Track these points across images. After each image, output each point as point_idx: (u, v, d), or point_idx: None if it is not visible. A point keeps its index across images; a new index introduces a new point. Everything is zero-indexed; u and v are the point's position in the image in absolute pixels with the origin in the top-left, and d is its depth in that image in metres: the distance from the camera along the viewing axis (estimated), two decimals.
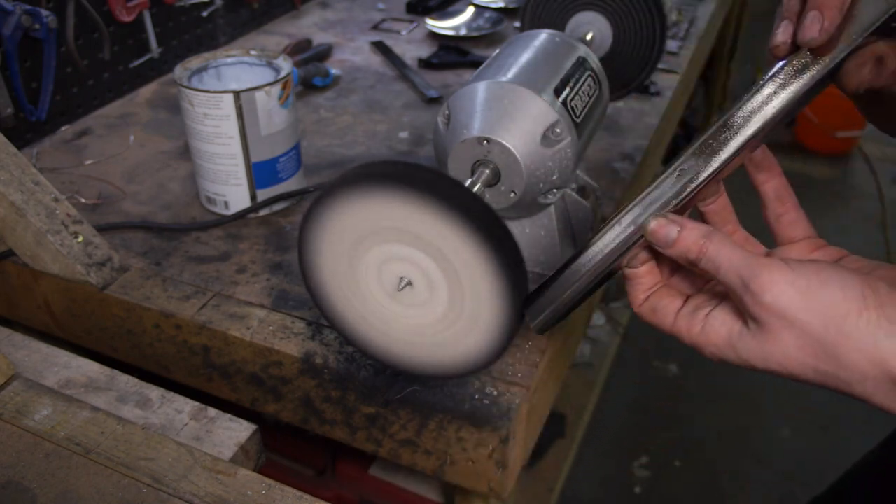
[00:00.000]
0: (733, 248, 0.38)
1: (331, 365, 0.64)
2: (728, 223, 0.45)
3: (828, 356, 0.36)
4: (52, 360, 0.62)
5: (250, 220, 0.83)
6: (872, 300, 0.35)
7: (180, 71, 0.80)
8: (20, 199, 0.70)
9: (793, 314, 0.36)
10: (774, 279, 0.36)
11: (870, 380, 0.35)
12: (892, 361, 0.34)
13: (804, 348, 0.36)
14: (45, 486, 0.49)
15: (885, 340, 0.34)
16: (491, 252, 0.47)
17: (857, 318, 0.35)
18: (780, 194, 0.45)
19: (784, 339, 0.36)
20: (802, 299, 0.36)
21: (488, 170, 0.63)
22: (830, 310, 0.35)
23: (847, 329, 0.35)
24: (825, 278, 0.36)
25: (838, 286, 0.35)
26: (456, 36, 1.32)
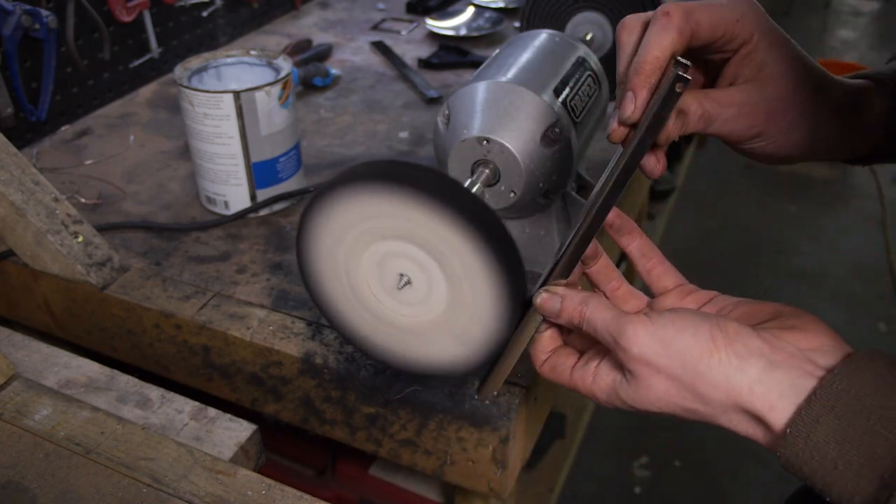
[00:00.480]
0: (606, 309, 0.43)
1: (331, 365, 0.64)
2: (612, 280, 0.50)
3: (692, 395, 0.40)
4: (52, 360, 0.62)
5: (250, 220, 0.83)
6: (721, 340, 0.39)
7: (180, 71, 0.80)
8: (20, 199, 0.71)
9: (656, 362, 0.40)
10: (637, 333, 0.41)
11: (729, 412, 0.39)
12: (743, 394, 0.38)
13: (671, 390, 0.41)
14: (45, 486, 0.49)
15: (734, 375, 0.38)
16: (490, 252, 0.47)
17: (708, 359, 0.39)
18: (644, 252, 0.49)
19: (654, 384, 0.41)
20: (662, 348, 0.40)
21: (488, 170, 0.63)
22: (685, 354, 0.39)
23: (701, 369, 0.39)
24: (680, 326, 0.40)
25: (690, 332, 0.40)
26: (456, 36, 1.32)
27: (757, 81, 0.48)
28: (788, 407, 0.37)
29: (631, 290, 0.50)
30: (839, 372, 0.37)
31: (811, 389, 0.37)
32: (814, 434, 0.36)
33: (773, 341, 0.39)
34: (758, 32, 0.47)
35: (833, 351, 0.40)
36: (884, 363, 0.38)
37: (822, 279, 2.33)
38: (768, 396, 0.38)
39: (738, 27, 0.46)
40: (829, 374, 0.38)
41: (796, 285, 2.30)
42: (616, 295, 0.50)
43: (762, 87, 0.47)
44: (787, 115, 0.48)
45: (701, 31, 0.45)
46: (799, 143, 0.50)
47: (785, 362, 0.38)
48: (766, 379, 0.38)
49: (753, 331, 0.40)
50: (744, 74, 0.48)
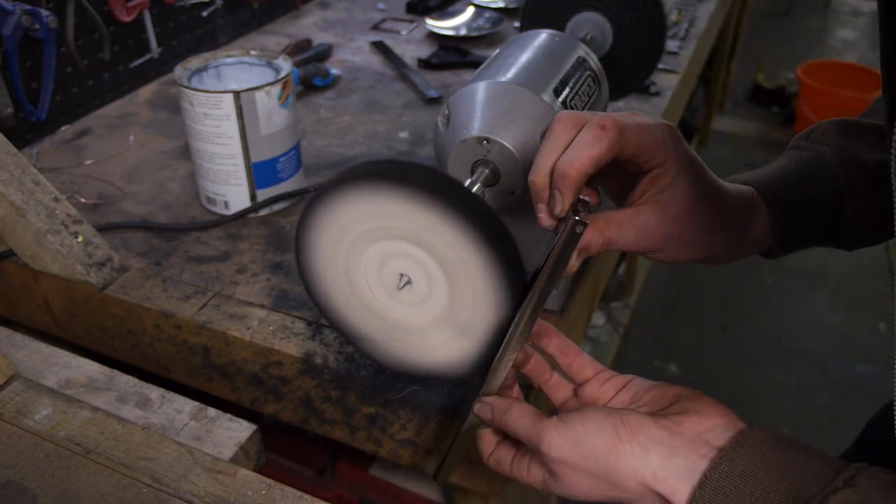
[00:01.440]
0: (525, 416, 0.47)
1: (331, 365, 0.64)
2: (544, 373, 0.54)
3: (610, 486, 0.44)
4: (52, 360, 0.62)
5: (250, 220, 0.83)
6: (625, 434, 0.43)
7: (180, 71, 0.80)
8: (20, 199, 0.71)
9: (572, 462, 0.44)
10: (552, 438, 0.45)
11: (643, 497, 0.43)
12: (648, 479, 0.42)
13: (592, 485, 0.45)
14: (45, 486, 0.49)
15: (640, 465, 0.42)
16: (490, 251, 0.47)
17: (616, 453, 0.43)
18: (562, 350, 0.53)
19: (574, 481, 0.45)
20: (574, 448, 0.44)
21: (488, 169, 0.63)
22: (595, 451, 0.43)
23: (611, 463, 0.43)
24: (587, 426, 0.44)
25: (596, 430, 0.44)
26: (456, 36, 1.32)
27: (659, 203, 0.52)
28: (686, 489, 0.41)
29: (559, 380, 0.54)
30: (726, 454, 0.41)
31: (703, 472, 0.41)
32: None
33: (672, 428, 0.43)
34: (671, 159, 0.51)
35: (725, 431, 0.43)
36: (768, 441, 0.41)
37: (822, 279, 2.33)
38: (669, 481, 0.42)
39: (657, 152, 0.51)
40: (718, 454, 0.41)
41: (797, 285, 2.30)
42: (548, 385, 0.54)
43: (664, 209, 0.52)
44: (683, 235, 0.53)
45: (627, 148, 0.50)
46: (695, 255, 0.55)
47: (682, 448, 0.42)
48: (666, 465, 0.42)
49: (654, 420, 0.44)
50: (650, 193, 0.52)
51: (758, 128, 3.19)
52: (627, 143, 0.50)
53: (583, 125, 0.50)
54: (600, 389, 0.51)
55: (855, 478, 0.38)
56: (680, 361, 1.99)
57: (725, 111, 3.27)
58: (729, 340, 2.08)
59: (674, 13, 1.40)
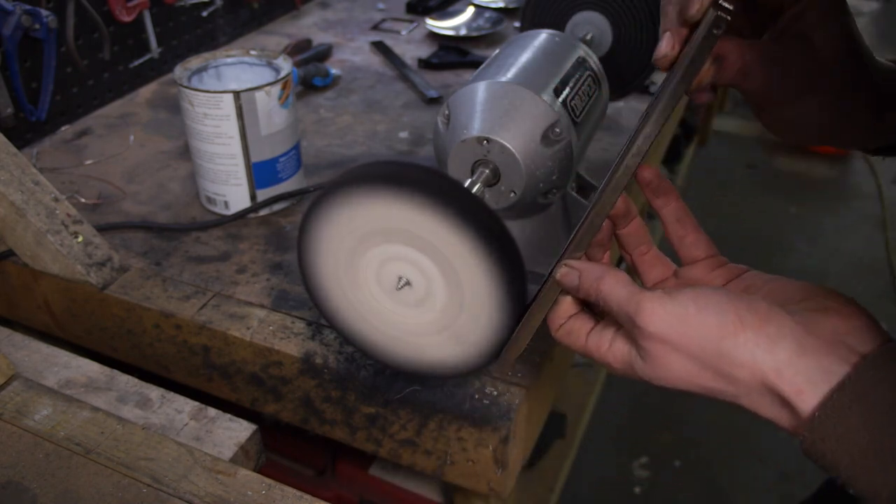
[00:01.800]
0: (622, 286, 0.42)
1: (331, 365, 0.64)
2: (642, 244, 0.48)
3: (713, 374, 0.39)
4: (52, 360, 0.62)
5: (250, 220, 0.83)
6: (750, 320, 0.38)
7: (180, 71, 0.80)
8: (20, 199, 0.71)
9: (673, 340, 0.39)
10: (655, 310, 0.39)
11: (754, 392, 0.38)
12: (769, 375, 0.37)
13: (689, 369, 0.39)
14: (45, 486, 0.49)
15: (762, 356, 0.37)
16: (490, 252, 0.47)
17: (734, 339, 0.38)
18: (679, 217, 0.48)
19: (670, 362, 0.40)
20: (680, 326, 0.39)
21: (488, 170, 0.63)
22: (707, 333, 0.38)
23: (725, 349, 0.38)
24: (702, 305, 0.39)
25: (714, 311, 0.38)
26: (456, 36, 1.32)
27: (805, 41, 0.45)
28: (818, 392, 0.36)
29: (658, 256, 0.48)
30: (874, 360, 0.36)
31: (844, 375, 0.36)
32: (844, 421, 0.35)
33: (808, 324, 0.38)
34: None
35: (870, 336, 0.38)
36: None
37: (822, 279, 2.32)
38: (796, 380, 0.36)
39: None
40: (863, 360, 0.36)
41: None
42: (643, 259, 0.48)
43: (810, 48, 0.45)
44: (822, 92, 0.46)
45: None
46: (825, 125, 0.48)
47: (818, 347, 0.37)
48: (795, 362, 0.37)
49: (787, 314, 0.38)
50: (794, 30, 0.45)
51: (758, 128, 3.18)
52: None
53: None
54: (709, 275, 0.46)
55: None
56: None
57: (725, 111, 3.27)
58: None
59: None
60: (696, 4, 0.41)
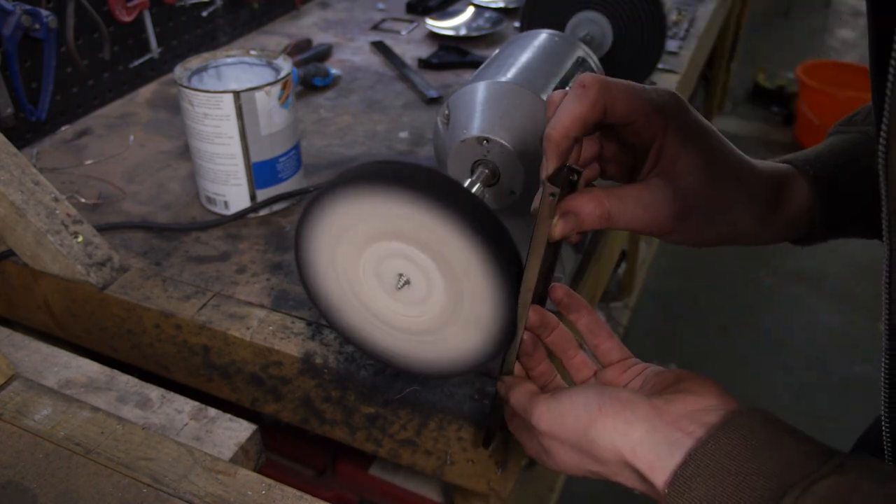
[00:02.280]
0: (523, 395, 0.48)
1: (331, 365, 0.64)
2: (568, 349, 0.52)
3: (590, 459, 0.44)
4: (52, 360, 0.62)
5: (250, 220, 0.83)
6: (610, 408, 0.43)
7: (180, 71, 0.80)
8: (20, 199, 0.71)
9: (556, 434, 0.45)
10: (541, 411, 0.46)
11: (622, 470, 0.43)
12: (626, 454, 0.42)
13: (574, 457, 0.45)
14: (45, 486, 0.49)
15: (619, 438, 0.42)
16: (489, 252, 0.47)
17: (597, 426, 0.43)
18: (591, 329, 0.52)
19: (560, 453, 0.46)
20: (560, 421, 0.45)
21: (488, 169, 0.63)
22: (577, 424, 0.44)
23: (592, 436, 0.43)
24: (573, 400, 0.44)
25: (581, 404, 0.44)
26: (456, 36, 1.32)
27: (668, 177, 0.48)
28: (667, 467, 0.40)
29: (585, 360, 0.52)
30: (714, 432, 0.39)
31: (687, 451, 0.39)
32: (688, 493, 0.38)
33: (662, 405, 0.42)
34: (672, 127, 0.48)
35: (717, 410, 0.42)
36: (759, 420, 0.40)
37: (822, 279, 2.33)
38: (648, 457, 0.41)
39: (654, 117, 0.47)
40: (705, 433, 0.40)
41: (796, 285, 2.30)
42: (572, 364, 0.52)
43: (673, 183, 0.48)
44: (698, 213, 0.49)
45: (616, 108, 0.47)
46: (715, 237, 0.51)
47: (667, 425, 0.41)
48: (646, 440, 0.41)
49: (644, 398, 0.43)
50: (658, 168, 0.49)
51: (758, 128, 3.19)
52: (615, 103, 0.46)
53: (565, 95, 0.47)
54: (621, 375, 0.50)
55: (845, 465, 0.37)
56: (680, 361, 1.99)
57: (725, 111, 3.27)
58: (729, 340, 2.09)
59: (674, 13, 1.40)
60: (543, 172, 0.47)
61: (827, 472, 0.36)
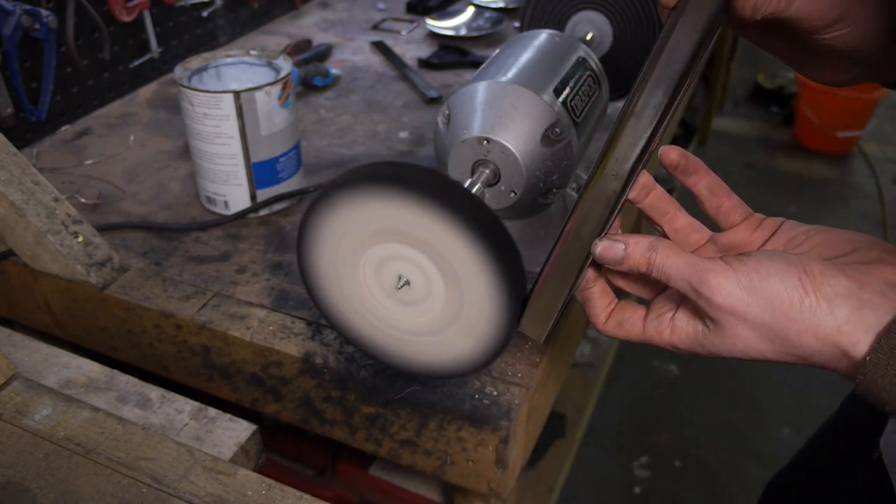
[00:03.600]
0: (678, 255, 0.42)
1: (331, 365, 0.64)
2: (668, 211, 0.48)
3: (782, 340, 0.40)
4: (52, 360, 0.62)
5: (250, 220, 0.83)
6: (809, 284, 0.39)
7: (180, 71, 0.80)
8: (20, 199, 0.71)
9: (743, 310, 0.40)
10: (720, 282, 0.40)
11: (822, 353, 0.39)
12: (834, 335, 0.38)
13: (760, 337, 0.40)
14: (45, 486, 0.49)
15: (825, 318, 0.39)
16: (489, 252, 0.47)
17: (799, 305, 0.39)
18: (712, 190, 0.48)
19: (741, 332, 0.41)
20: (748, 296, 0.40)
21: (488, 170, 0.63)
22: (774, 301, 0.39)
23: (792, 315, 0.39)
24: (765, 273, 0.40)
25: (777, 279, 0.39)
26: (456, 36, 1.32)
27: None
28: (871, 338, 0.38)
29: (690, 222, 0.48)
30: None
31: (891, 319, 0.37)
32: (892, 361, 0.37)
33: (861, 278, 0.39)
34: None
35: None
36: None
37: None
38: (854, 333, 0.38)
39: None
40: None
41: None
42: (675, 228, 0.48)
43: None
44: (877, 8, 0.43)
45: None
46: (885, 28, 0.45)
47: (872, 300, 0.39)
48: (854, 318, 0.38)
49: (839, 270, 0.40)
50: None
51: (758, 128, 3.19)
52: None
53: None
54: (750, 237, 0.46)
55: None
56: (680, 361, 1.99)
57: (725, 111, 3.27)
58: None
59: None
60: None
61: None
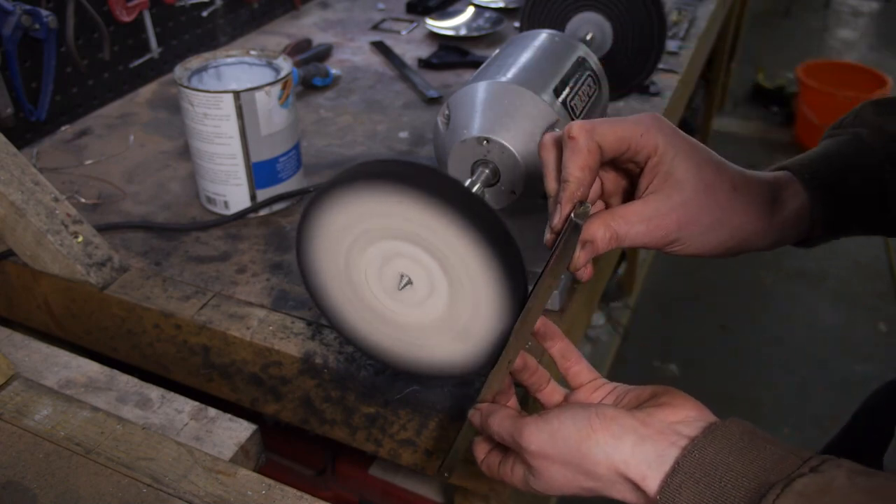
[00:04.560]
0: (507, 419, 0.49)
1: (331, 365, 0.64)
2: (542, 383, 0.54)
3: (584, 475, 0.45)
4: (52, 360, 0.62)
5: (250, 220, 0.83)
6: (598, 424, 0.44)
7: (180, 71, 0.80)
8: (20, 199, 0.71)
9: (547, 453, 0.46)
10: (530, 431, 0.46)
11: (615, 484, 0.44)
12: (619, 466, 0.43)
13: (567, 475, 0.46)
14: (45, 486, 0.49)
15: (612, 452, 0.44)
16: (490, 251, 0.47)
17: (588, 441, 0.44)
18: (564, 354, 0.54)
19: (551, 473, 0.46)
20: (551, 440, 0.46)
21: (488, 169, 0.63)
22: (570, 441, 0.45)
23: (584, 451, 0.44)
24: (562, 418, 0.46)
25: (570, 421, 0.45)
26: (456, 36, 1.32)
27: (664, 191, 0.50)
28: (657, 475, 0.42)
29: (555, 388, 0.54)
30: (698, 442, 0.42)
31: (674, 460, 0.42)
32: (678, 499, 0.41)
33: (645, 418, 0.45)
34: (662, 144, 0.50)
35: (697, 422, 0.44)
36: (738, 431, 0.42)
37: (822, 279, 2.33)
38: (640, 467, 0.43)
39: (641, 141, 0.50)
40: (690, 443, 0.42)
41: (796, 285, 2.30)
42: (544, 394, 0.54)
43: (670, 195, 0.50)
44: (699, 220, 0.51)
45: (607, 145, 0.49)
46: (718, 244, 0.53)
47: (653, 436, 0.44)
48: (637, 452, 0.43)
49: (628, 412, 0.45)
50: (654, 184, 0.51)
51: (758, 128, 3.19)
52: (605, 140, 0.49)
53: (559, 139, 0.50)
54: (591, 395, 0.52)
55: (821, 466, 0.40)
56: (680, 361, 1.99)
57: (725, 111, 3.27)
58: (729, 340, 2.08)
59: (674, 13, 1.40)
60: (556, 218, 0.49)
61: (804, 472, 0.39)
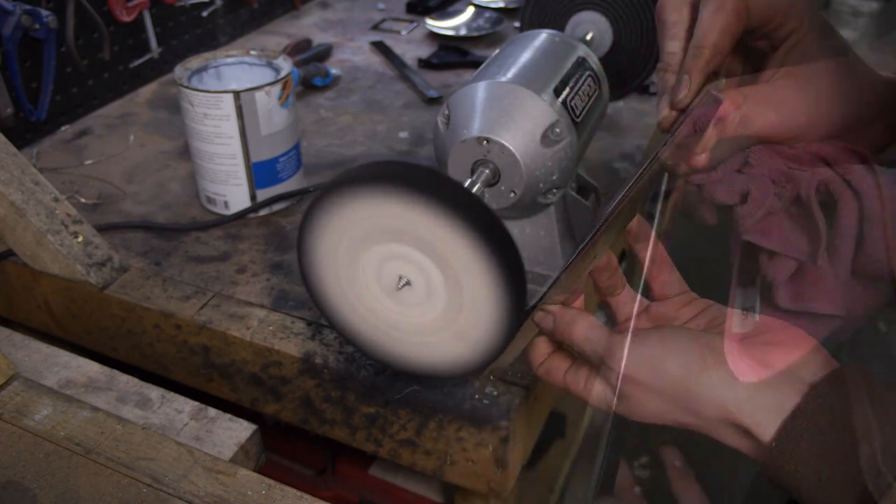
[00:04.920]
0: (594, 331, 0.45)
1: (331, 365, 0.64)
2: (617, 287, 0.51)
3: (684, 410, 0.42)
4: (52, 360, 0.62)
5: (250, 220, 0.83)
6: (711, 359, 0.41)
7: (180, 71, 0.80)
8: (20, 199, 0.71)
9: (645, 381, 0.43)
10: (629, 355, 0.43)
11: (720, 426, 0.42)
12: (732, 409, 0.40)
13: (662, 406, 0.43)
14: (45, 486, 0.49)
15: (725, 394, 0.40)
16: (489, 252, 0.47)
17: (698, 377, 0.41)
18: (654, 259, 0.51)
19: (644, 401, 0.43)
20: (651, 368, 0.42)
21: (488, 170, 0.63)
22: (676, 374, 0.42)
23: (693, 388, 0.41)
24: (669, 347, 0.42)
25: (678, 352, 0.42)
26: (456, 36, 1.32)
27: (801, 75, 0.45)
28: (774, 422, 0.39)
29: (631, 294, 0.51)
30: (822, 389, 0.39)
31: (794, 406, 0.39)
32: (797, 448, 0.38)
33: (762, 358, 0.41)
34: (808, 21, 0.45)
35: (818, 366, 0.41)
36: (863, 380, 0.39)
37: None
38: (756, 413, 0.40)
39: (790, 13, 0.45)
40: (812, 390, 0.39)
41: None
42: (617, 299, 0.51)
43: (807, 81, 0.45)
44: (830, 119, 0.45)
45: (754, 13, 0.44)
46: None
47: (772, 380, 0.40)
48: (754, 396, 0.40)
49: (746, 351, 0.42)
50: (789, 62, 0.46)
51: None
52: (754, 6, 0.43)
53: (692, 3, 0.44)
54: (678, 311, 0.48)
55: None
56: None
57: None
58: None
59: None
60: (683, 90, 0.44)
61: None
